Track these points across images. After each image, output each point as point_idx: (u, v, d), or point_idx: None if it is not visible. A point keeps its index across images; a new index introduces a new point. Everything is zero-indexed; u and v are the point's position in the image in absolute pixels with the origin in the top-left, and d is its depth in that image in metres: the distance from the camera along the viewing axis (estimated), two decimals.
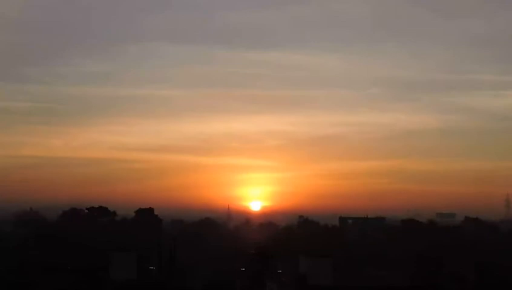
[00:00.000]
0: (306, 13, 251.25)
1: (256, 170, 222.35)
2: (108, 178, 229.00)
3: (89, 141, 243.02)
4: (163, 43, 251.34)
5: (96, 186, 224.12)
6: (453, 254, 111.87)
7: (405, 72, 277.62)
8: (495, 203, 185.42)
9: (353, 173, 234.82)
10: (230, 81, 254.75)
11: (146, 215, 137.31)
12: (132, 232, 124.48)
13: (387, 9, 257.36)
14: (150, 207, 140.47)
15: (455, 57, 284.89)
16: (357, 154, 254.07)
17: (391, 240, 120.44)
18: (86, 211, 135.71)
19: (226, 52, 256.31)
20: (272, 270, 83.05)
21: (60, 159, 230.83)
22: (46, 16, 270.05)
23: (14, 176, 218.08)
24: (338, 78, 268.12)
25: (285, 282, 75.23)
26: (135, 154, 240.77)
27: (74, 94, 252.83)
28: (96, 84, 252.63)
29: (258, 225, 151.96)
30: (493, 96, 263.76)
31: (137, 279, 71.12)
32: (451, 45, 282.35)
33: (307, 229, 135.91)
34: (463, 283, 76.45)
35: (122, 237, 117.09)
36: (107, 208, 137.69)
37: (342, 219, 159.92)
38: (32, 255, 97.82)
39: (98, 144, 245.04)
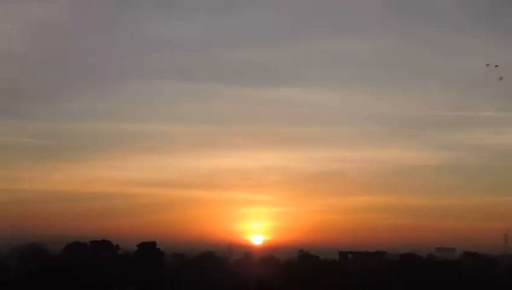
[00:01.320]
0: (306, 52, 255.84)
1: (257, 205, 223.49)
2: (111, 212, 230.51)
3: (92, 176, 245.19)
4: (164, 81, 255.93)
5: (99, 220, 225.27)
6: (452, 289, 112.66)
7: (404, 109, 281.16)
8: (494, 239, 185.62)
9: (352, 208, 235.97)
10: (231, 118, 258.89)
11: (148, 249, 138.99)
12: (134, 264, 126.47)
13: (386, 48, 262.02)
14: (152, 241, 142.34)
15: (454, 94, 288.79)
16: (356, 189, 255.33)
17: (391, 274, 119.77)
18: (89, 244, 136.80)
19: (227, 90, 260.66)
20: None
21: (63, 194, 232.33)
22: (49, 53, 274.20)
23: (16, 210, 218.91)
24: (337, 115, 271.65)
25: None
26: (137, 189, 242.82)
27: (76, 130, 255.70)
28: (98, 121, 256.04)
29: (258, 259, 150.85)
30: (492, 134, 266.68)
31: None
32: (450, 82, 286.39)
33: (307, 263, 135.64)
34: None
35: (125, 270, 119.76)
36: (110, 241, 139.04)
37: (342, 253, 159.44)
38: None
39: (100, 178, 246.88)
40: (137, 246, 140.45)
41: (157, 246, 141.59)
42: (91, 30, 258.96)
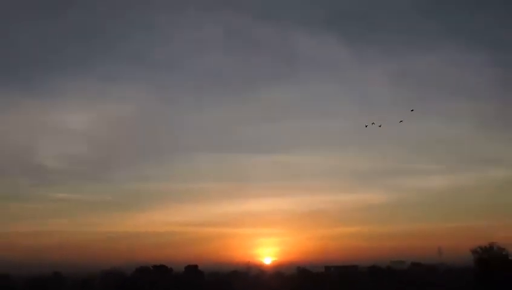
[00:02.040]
0: (296, 127, 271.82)
1: (267, 236, 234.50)
2: (165, 245, 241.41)
3: (151, 220, 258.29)
4: (198, 152, 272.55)
5: (157, 251, 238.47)
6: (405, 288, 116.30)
7: (365, 165, 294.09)
8: (431, 252, 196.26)
9: (333, 235, 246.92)
10: (247, 177, 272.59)
11: (192, 270, 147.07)
12: (183, 281, 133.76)
13: (350, 124, 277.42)
14: (195, 264, 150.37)
15: (400, 153, 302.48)
16: (335, 222, 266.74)
17: (362, 281, 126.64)
18: (152, 268, 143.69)
19: (242, 157, 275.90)
20: None
21: (131, 233, 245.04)
22: (124, 137, 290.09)
23: (101, 245, 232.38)
24: (320, 171, 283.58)
25: None
26: (183, 228, 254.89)
27: (141, 189, 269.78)
28: (156, 182, 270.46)
29: (269, 274, 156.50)
30: (425, 180, 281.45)
31: None
32: (396, 146, 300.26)
33: (303, 275, 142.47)
34: None
35: (176, 286, 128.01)
36: (165, 265, 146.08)
37: (327, 267, 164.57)
38: None
39: (157, 221, 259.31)
40: (184, 268, 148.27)
41: (198, 268, 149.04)
42: (151, 121, 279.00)
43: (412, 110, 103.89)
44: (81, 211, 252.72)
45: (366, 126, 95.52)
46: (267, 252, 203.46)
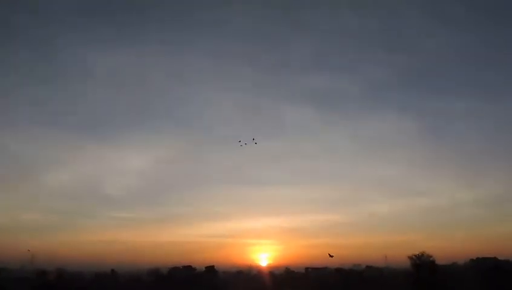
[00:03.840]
0: (282, 168, 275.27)
1: (263, 245, 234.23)
2: (192, 251, 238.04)
3: (182, 233, 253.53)
4: (217, 185, 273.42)
5: (186, 255, 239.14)
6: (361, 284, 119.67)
7: (332, 195, 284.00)
8: (379, 259, 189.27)
9: (309, 245, 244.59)
10: (249, 203, 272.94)
11: (210, 269, 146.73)
12: (204, 278, 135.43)
13: (320, 166, 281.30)
14: (212, 265, 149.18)
15: (355, 187, 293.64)
16: (311, 236, 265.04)
17: (331, 279, 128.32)
18: (181, 267, 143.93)
19: (245, 188, 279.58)
20: None
21: (168, 242, 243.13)
22: (164, 173, 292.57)
23: (144, 251, 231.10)
24: (299, 199, 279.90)
25: None
26: (204, 239, 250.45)
27: (176, 210, 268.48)
28: (185, 205, 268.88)
29: (265, 273, 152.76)
30: (373, 206, 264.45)
31: None
32: (353, 182, 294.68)
33: (289, 275, 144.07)
34: None
35: (198, 279, 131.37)
36: (191, 265, 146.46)
37: (306, 268, 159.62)
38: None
39: (186, 234, 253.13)
40: (205, 268, 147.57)
41: (214, 267, 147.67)
42: (185, 162, 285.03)
43: (254, 140, 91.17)
44: (134, 226, 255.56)
45: (241, 145, 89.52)
46: (264, 257, 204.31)
